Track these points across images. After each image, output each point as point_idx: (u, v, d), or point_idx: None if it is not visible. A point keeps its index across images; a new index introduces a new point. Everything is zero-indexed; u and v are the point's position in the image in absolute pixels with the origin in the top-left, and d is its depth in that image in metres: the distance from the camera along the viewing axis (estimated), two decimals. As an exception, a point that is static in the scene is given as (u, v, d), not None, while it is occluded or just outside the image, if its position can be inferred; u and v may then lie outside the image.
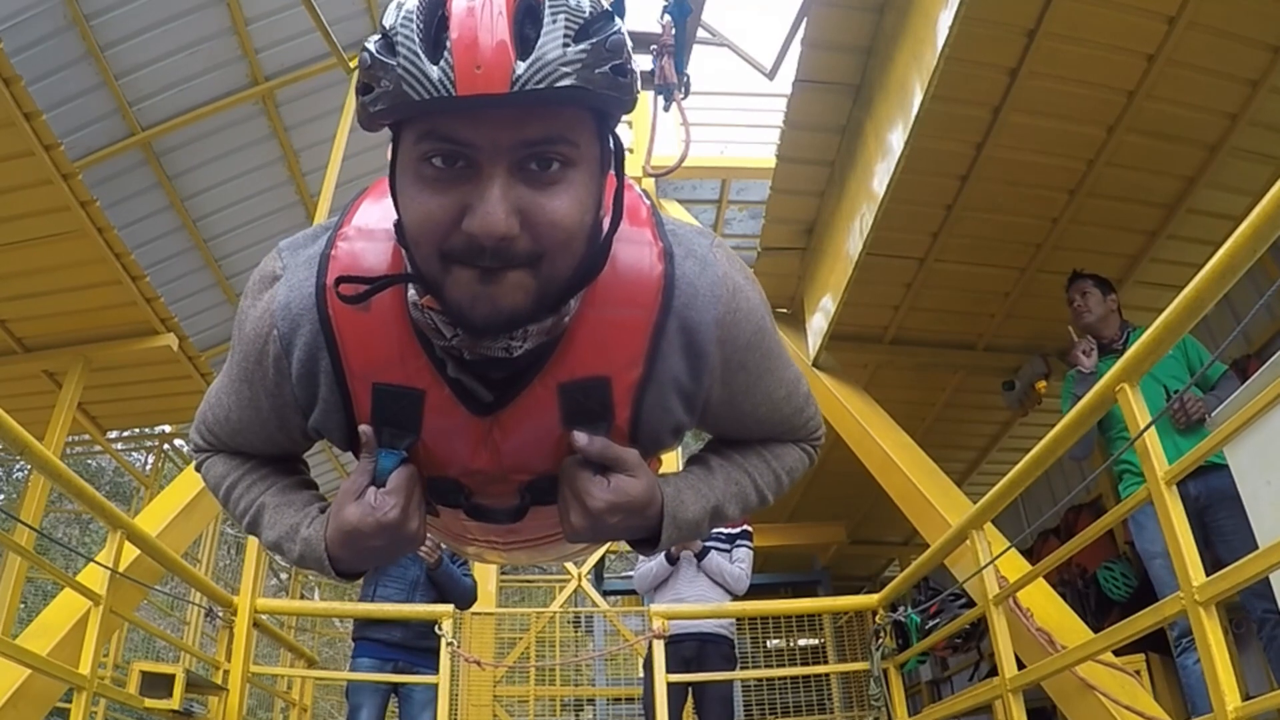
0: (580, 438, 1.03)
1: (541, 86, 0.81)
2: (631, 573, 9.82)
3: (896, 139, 4.37)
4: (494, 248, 0.86)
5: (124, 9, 6.55)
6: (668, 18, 5.00)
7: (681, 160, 5.02)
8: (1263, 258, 2.16)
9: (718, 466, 1.21)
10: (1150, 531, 3.41)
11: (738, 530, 5.04)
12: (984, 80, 4.31)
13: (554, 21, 0.83)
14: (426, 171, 0.87)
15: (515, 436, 1.06)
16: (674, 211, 8.58)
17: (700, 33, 5.92)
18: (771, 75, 7.61)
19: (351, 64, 6.84)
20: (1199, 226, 4.99)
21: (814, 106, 5.00)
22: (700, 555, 4.95)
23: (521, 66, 0.81)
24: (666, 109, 5.20)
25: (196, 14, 6.86)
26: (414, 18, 0.83)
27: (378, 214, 1.04)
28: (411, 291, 0.99)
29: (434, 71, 0.81)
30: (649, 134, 5.80)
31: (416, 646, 4.55)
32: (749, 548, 5.05)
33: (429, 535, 1.22)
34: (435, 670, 4.52)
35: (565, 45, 0.82)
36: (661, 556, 4.89)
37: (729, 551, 4.99)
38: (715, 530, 4.61)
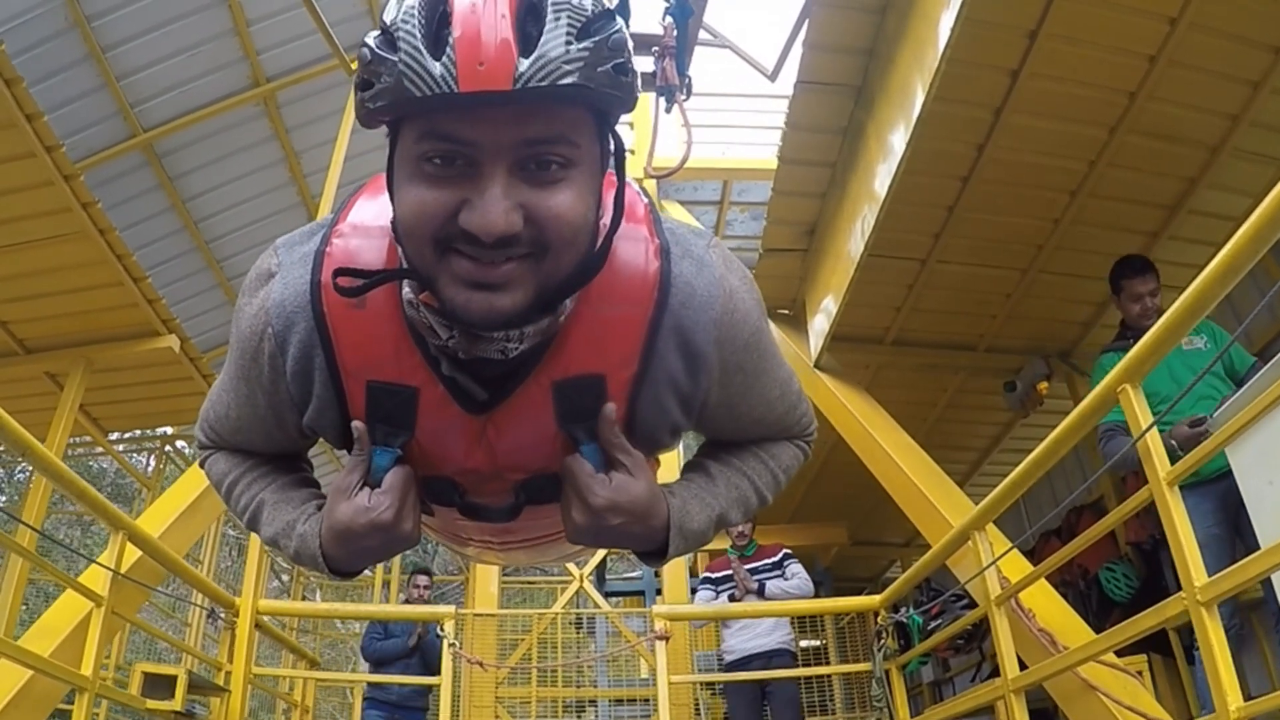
0: (610, 409, 1.02)
1: (544, 84, 0.81)
2: (634, 574, 9.84)
3: (898, 140, 4.37)
4: (493, 244, 0.86)
5: (125, 11, 6.56)
6: (669, 19, 5.01)
7: (683, 162, 5.02)
8: (1264, 258, 2.16)
9: (718, 473, 1.21)
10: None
11: (779, 556, 5.69)
12: (985, 81, 4.31)
13: (557, 19, 0.82)
14: (426, 170, 0.87)
15: (510, 435, 1.05)
16: (675, 213, 8.58)
17: (701, 34, 5.92)
18: (773, 77, 7.61)
19: (353, 65, 6.83)
20: (1200, 228, 4.98)
21: (815, 108, 5.00)
22: (760, 590, 5.50)
23: (524, 64, 0.81)
24: (668, 110, 5.20)
25: (198, 16, 6.87)
26: (415, 13, 0.83)
27: (373, 211, 1.04)
28: (407, 290, 0.98)
29: (436, 68, 0.81)
30: (651, 135, 5.81)
31: (409, 705, 6.08)
32: (797, 562, 5.68)
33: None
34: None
35: (568, 43, 0.82)
36: (724, 597, 5.58)
37: (781, 574, 5.56)
38: (762, 561, 5.63)
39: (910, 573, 4.64)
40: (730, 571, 5.66)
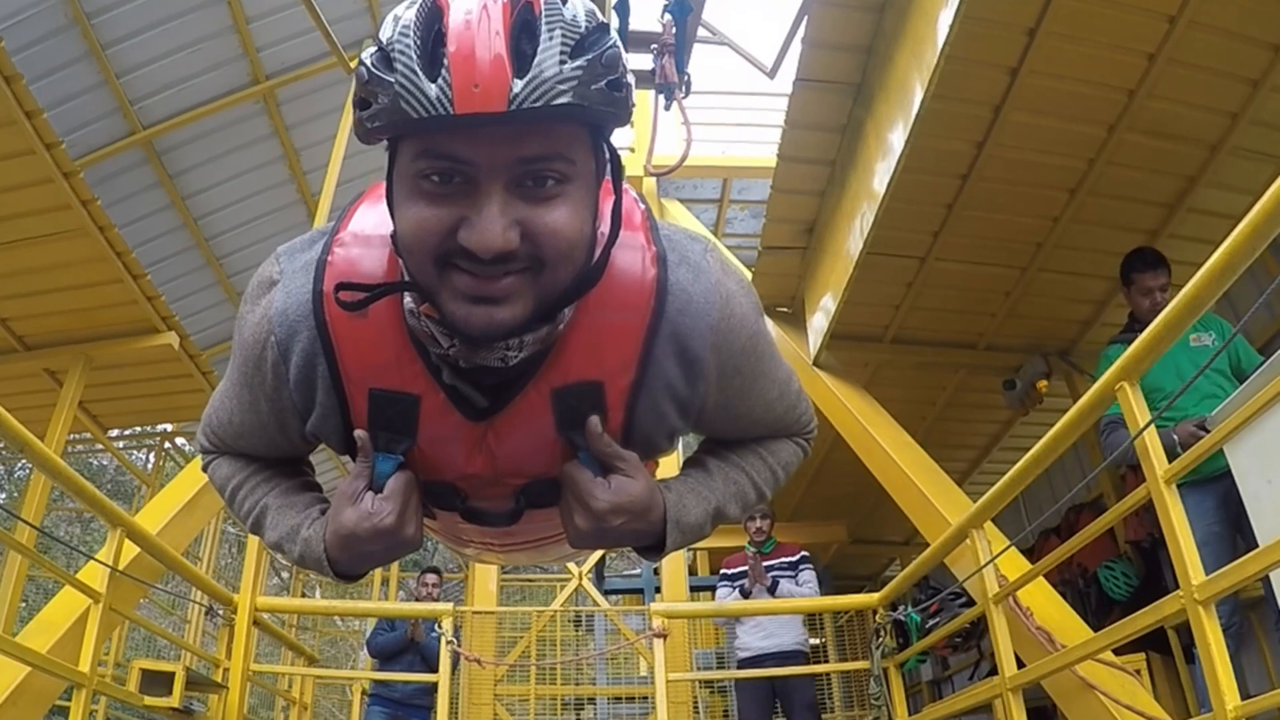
0: (595, 424, 1.03)
1: (539, 105, 0.81)
2: (633, 571, 9.85)
3: (897, 138, 4.37)
4: (492, 260, 0.86)
5: (125, 7, 6.55)
6: (668, 17, 5.01)
7: (682, 159, 5.04)
8: (1263, 255, 2.16)
9: (715, 468, 1.22)
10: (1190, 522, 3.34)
11: (797, 557, 5.66)
12: (984, 79, 4.30)
13: (550, 37, 0.82)
14: (424, 186, 0.88)
15: (510, 441, 1.06)
16: (675, 211, 8.58)
17: (701, 32, 5.92)
18: (772, 74, 7.61)
19: (352, 64, 6.84)
20: (1200, 226, 4.98)
21: (814, 106, 4.99)
22: (772, 588, 5.49)
23: (519, 85, 0.81)
24: (668, 108, 5.21)
25: (197, 13, 6.86)
26: (411, 32, 0.83)
27: (374, 220, 1.05)
28: (408, 299, 0.99)
29: (432, 90, 0.81)
30: (650, 133, 5.81)
31: (412, 703, 6.08)
32: (812, 569, 5.66)
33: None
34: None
35: (562, 62, 0.82)
36: (736, 591, 5.59)
37: (794, 577, 5.56)
38: (779, 560, 5.59)
39: (908, 571, 4.64)
40: (745, 568, 5.65)
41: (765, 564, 5.59)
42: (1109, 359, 3.82)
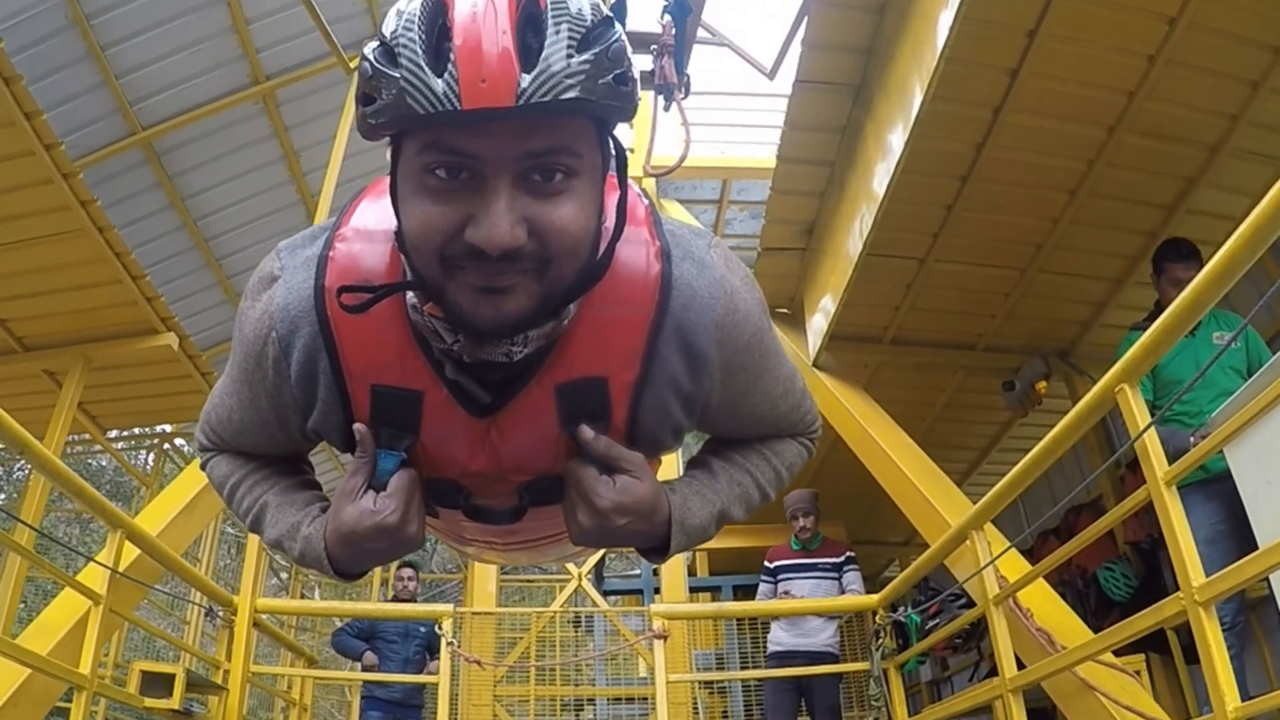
0: (586, 431, 1.03)
1: (547, 100, 0.81)
2: (632, 572, 9.85)
3: (897, 139, 4.37)
4: (499, 258, 0.86)
5: (125, 8, 6.54)
6: (668, 18, 5.00)
7: (681, 160, 5.02)
8: (1263, 258, 2.16)
9: (719, 469, 1.21)
10: (1193, 519, 3.34)
11: (842, 558, 5.58)
12: (984, 81, 4.31)
13: (557, 31, 0.82)
14: (430, 182, 0.87)
15: (513, 437, 1.06)
16: (674, 212, 8.57)
17: (700, 32, 5.91)
18: (772, 75, 7.60)
19: (352, 64, 6.83)
20: (1199, 227, 4.97)
21: (814, 107, 5.00)
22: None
23: (526, 79, 0.80)
24: (667, 109, 5.19)
25: (197, 13, 6.86)
26: (415, 26, 0.82)
27: (376, 215, 1.04)
28: (410, 294, 0.98)
29: (438, 84, 0.80)
30: (649, 134, 5.80)
31: (408, 704, 6.18)
32: (856, 570, 5.57)
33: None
34: (422, 720, 6.04)
35: (569, 56, 0.82)
36: (775, 589, 5.54)
37: (838, 579, 5.51)
38: (823, 559, 5.52)
39: (908, 572, 4.64)
40: (787, 562, 5.64)
41: (810, 560, 5.58)
42: (1130, 342, 3.82)
